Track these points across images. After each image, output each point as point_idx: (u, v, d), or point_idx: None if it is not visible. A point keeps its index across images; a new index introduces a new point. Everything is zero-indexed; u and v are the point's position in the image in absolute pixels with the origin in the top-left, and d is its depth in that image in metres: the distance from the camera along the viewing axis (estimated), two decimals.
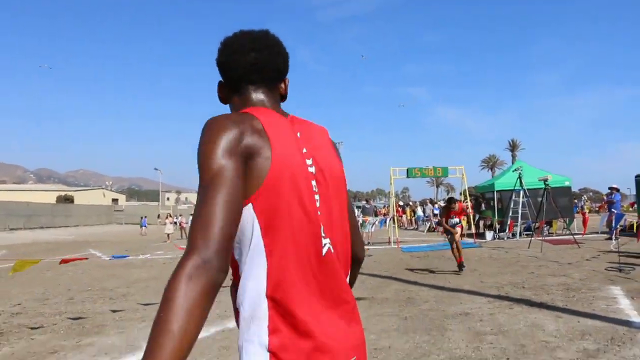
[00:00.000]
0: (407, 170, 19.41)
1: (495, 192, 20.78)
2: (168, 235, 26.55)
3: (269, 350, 1.12)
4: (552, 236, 18.40)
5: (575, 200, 36.22)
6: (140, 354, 4.33)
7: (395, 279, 9.67)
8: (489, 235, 19.96)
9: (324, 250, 1.21)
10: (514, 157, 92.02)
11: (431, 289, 8.42)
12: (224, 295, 7.32)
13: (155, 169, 74.22)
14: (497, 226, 20.40)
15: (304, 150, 1.26)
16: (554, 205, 15.19)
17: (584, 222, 15.66)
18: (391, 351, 4.91)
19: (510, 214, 19.49)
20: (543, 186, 17.40)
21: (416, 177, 19.55)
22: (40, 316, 6.97)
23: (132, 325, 6.25)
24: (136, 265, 12.98)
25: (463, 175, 20.48)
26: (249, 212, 1.14)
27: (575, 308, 6.56)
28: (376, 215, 21.52)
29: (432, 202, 33.03)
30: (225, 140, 1.11)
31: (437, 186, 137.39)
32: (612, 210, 16.86)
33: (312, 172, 1.25)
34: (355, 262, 1.46)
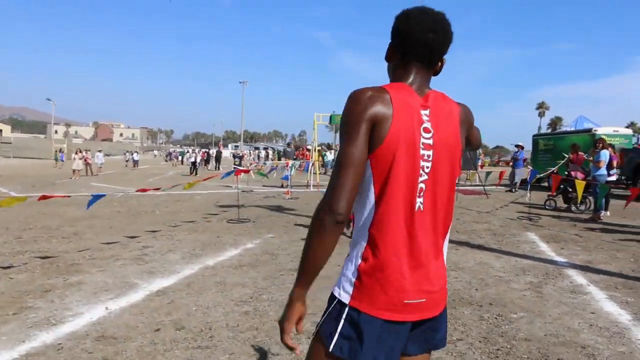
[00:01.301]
0: (331, 116, 19.91)
1: None
2: (74, 171, 25.29)
3: (357, 269, 1.55)
4: (464, 186, 20.01)
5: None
6: (138, 291, 4.63)
7: None
8: None
9: (416, 207, 1.54)
10: None
11: None
12: (198, 233, 7.67)
13: (48, 100, 68.35)
14: None
15: (426, 125, 1.55)
16: (469, 157, 16.53)
17: (500, 175, 17.25)
18: None
19: None
20: None
21: (338, 123, 20.12)
22: (0, 255, 6.76)
23: (108, 264, 6.30)
24: (62, 203, 12.48)
25: None
26: (367, 165, 1.50)
27: (508, 250, 7.58)
28: (296, 159, 21.97)
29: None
30: (360, 109, 1.49)
31: (336, 131, 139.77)
32: (516, 165, 18.71)
33: (429, 144, 1.55)
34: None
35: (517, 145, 19.22)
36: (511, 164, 20.25)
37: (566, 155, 14.59)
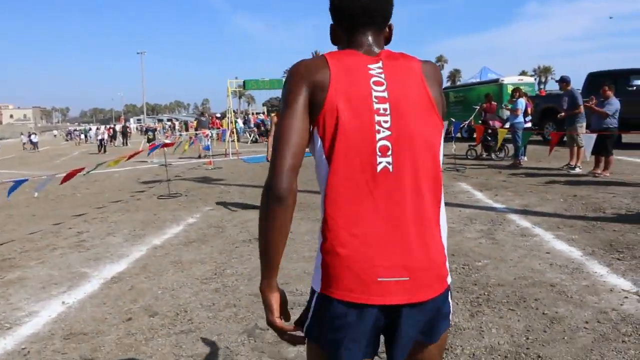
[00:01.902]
0: (244, 82, 19.47)
1: None
2: None
3: (320, 250, 1.37)
4: None
5: None
6: (91, 281, 4.40)
7: None
8: None
9: (379, 168, 1.34)
10: None
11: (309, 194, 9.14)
12: (132, 213, 7.35)
13: None
14: None
15: (377, 78, 1.40)
16: None
17: None
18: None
19: None
20: None
21: (252, 89, 19.75)
22: None
23: (46, 255, 5.82)
24: None
25: None
26: (316, 136, 1.39)
27: (448, 200, 7.73)
28: (212, 128, 21.36)
29: (257, 114, 33.55)
30: (296, 79, 1.40)
31: (239, 97, 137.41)
32: None
33: (383, 97, 1.38)
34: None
35: None
36: None
37: (476, 107, 15.30)
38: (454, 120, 13.43)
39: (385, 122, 1.36)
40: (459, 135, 16.32)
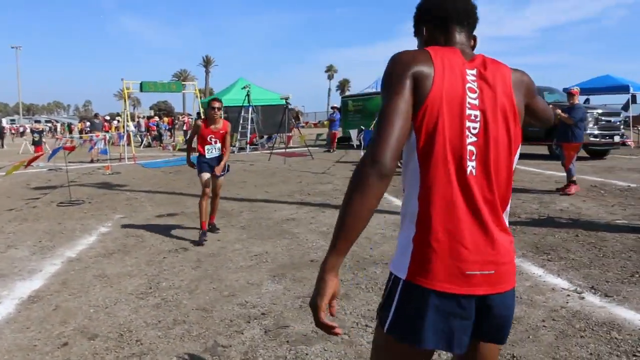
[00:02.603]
0: (141, 83, 18.50)
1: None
2: None
3: (412, 240, 1.44)
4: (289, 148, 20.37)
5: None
6: (3, 302, 4.02)
7: (191, 195, 9.69)
8: None
9: (468, 171, 1.42)
10: (207, 72, 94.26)
11: (238, 201, 8.84)
12: (31, 222, 6.64)
13: None
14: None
15: (471, 85, 1.46)
16: (293, 121, 16.85)
17: (333, 137, 17.95)
18: (268, 256, 5.31)
19: (240, 129, 20.72)
20: (267, 103, 19.01)
21: (150, 91, 18.83)
22: None
23: None
24: None
25: (196, 91, 20.58)
26: (411, 131, 1.43)
27: None
28: (105, 131, 20.00)
29: (149, 117, 32.05)
30: (402, 65, 1.44)
31: (125, 100, 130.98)
32: (333, 127, 19.64)
33: (475, 104, 1.45)
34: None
35: (333, 107, 20.16)
36: (328, 124, 21.22)
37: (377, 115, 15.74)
38: (363, 128, 13.73)
39: (475, 128, 1.44)
40: (352, 143, 16.62)
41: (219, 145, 6.25)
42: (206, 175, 6.16)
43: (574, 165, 8.54)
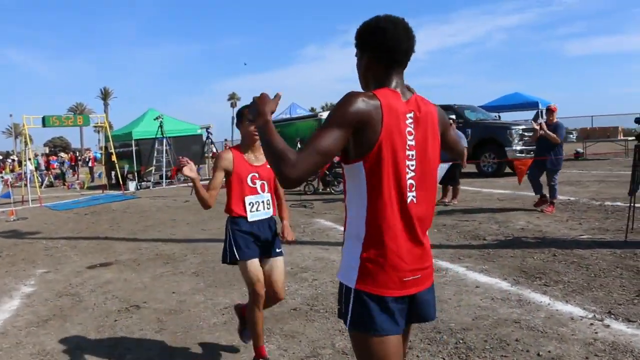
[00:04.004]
0: (43, 118, 16.86)
1: (133, 141, 20.26)
2: None
3: (360, 258, 1.74)
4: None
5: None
6: None
7: (119, 239, 8.65)
8: (132, 185, 19.47)
9: (408, 200, 1.74)
10: (106, 105, 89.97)
11: (176, 243, 7.98)
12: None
13: None
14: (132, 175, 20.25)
15: (410, 129, 1.74)
16: (216, 150, 16.01)
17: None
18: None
19: (155, 162, 19.55)
20: (181, 134, 18.19)
21: (55, 126, 17.22)
22: None
23: None
24: None
25: (105, 124, 19.14)
26: (360, 168, 1.70)
27: (321, 239, 7.49)
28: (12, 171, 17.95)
29: (48, 155, 29.58)
30: (351, 106, 1.65)
31: (16, 137, 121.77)
32: None
33: (412, 145, 1.74)
34: None
35: None
36: None
37: (298, 145, 15.41)
38: None
39: (412, 165, 1.75)
40: None
41: (268, 195, 3.47)
42: (254, 264, 3.35)
43: (557, 185, 8.37)
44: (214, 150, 16.99)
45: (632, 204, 6.33)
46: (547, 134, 8.06)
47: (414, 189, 1.74)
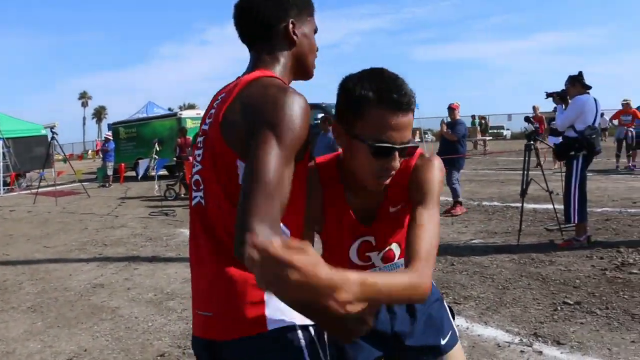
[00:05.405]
0: None
1: None
2: None
3: None
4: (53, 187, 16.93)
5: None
6: None
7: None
8: None
9: (194, 202, 1.29)
10: None
11: (10, 266, 6.37)
12: None
13: None
14: None
15: (211, 112, 1.31)
16: (63, 153, 13.89)
17: (121, 170, 15.51)
18: (90, 356, 3.49)
19: None
20: (21, 135, 16.07)
21: None
22: None
23: None
24: None
25: None
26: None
27: (185, 255, 6.37)
28: None
29: None
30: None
31: None
32: (107, 158, 17.07)
33: (204, 129, 1.30)
34: None
35: (106, 138, 17.54)
36: (101, 156, 18.37)
37: (156, 146, 14.07)
38: (157, 157, 11.78)
39: (199, 155, 1.35)
40: (153, 173, 14.59)
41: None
42: None
43: (459, 185, 8.03)
44: (60, 152, 14.78)
45: (522, 205, 6.16)
46: (442, 131, 7.93)
47: (201, 187, 1.30)
